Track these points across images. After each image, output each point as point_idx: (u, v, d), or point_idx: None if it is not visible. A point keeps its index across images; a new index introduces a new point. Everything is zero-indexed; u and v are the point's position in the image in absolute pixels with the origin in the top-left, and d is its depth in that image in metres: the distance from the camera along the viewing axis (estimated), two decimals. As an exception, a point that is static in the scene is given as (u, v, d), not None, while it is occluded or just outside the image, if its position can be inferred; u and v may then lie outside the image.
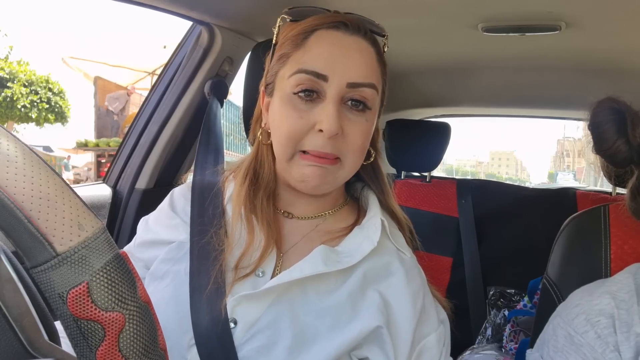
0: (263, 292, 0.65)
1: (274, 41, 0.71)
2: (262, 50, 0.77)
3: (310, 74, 0.64)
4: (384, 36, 0.72)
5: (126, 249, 0.79)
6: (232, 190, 0.75)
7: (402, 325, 0.67)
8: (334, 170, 0.67)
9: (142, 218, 0.81)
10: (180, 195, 0.79)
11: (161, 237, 0.75)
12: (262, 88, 0.74)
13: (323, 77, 0.63)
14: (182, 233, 0.73)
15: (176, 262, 0.71)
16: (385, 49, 0.72)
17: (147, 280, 0.72)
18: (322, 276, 0.66)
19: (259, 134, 0.74)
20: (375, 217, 0.72)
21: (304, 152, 0.66)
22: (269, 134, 0.72)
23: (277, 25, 0.71)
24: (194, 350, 0.64)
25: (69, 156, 13.13)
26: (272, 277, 0.69)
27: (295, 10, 0.70)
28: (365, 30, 0.68)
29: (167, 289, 0.69)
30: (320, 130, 0.63)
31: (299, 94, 0.64)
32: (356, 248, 0.69)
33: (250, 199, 0.71)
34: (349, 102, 0.65)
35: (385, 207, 0.77)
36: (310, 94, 0.64)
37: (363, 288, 0.67)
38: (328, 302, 0.66)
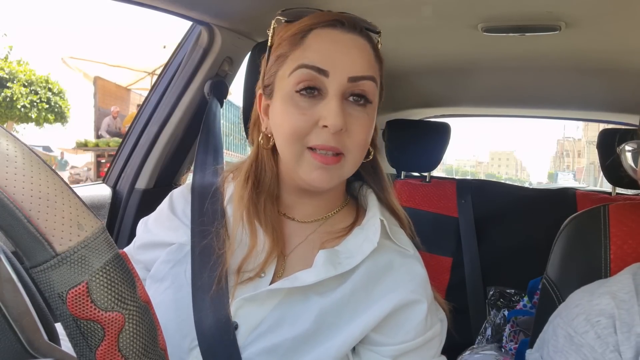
0: (265, 295, 0.66)
1: (269, 43, 0.71)
2: (258, 53, 0.77)
3: (311, 69, 0.64)
4: (377, 33, 0.72)
5: (126, 250, 0.79)
6: (232, 191, 0.75)
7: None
8: (339, 168, 0.67)
9: (141, 220, 0.81)
10: (179, 197, 0.79)
11: (161, 239, 0.75)
12: (259, 91, 0.73)
13: (324, 73, 0.64)
14: (182, 235, 0.73)
15: (176, 264, 0.71)
16: (379, 46, 0.72)
17: (148, 282, 0.72)
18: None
19: (260, 138, 0.73)
20: (374, 217, 0.72)
21: (310, 148, 0.65)
22: (268, 138, 0.71)
23: (272, 27, 0.71)
24: (195, 352, 0.64)
25: (62, 153, 12.93)
26: (273, 279, 0.69)
27: (290, 12, 0.70)
28: (361, 27, 0.68)
29: (167, 291, 0.69)
30: (324, 126, 0.64)
31: (301, 91, 0.64)
32: (356, 249, 0.69)
33: (253, 203, 0.71)
34: (351, 98, 0.66)
35: (385, 204, 0.77)
36: (312, 91, 0.64)
37: (365, 286, 0.68)
38: (329, 302, 0.66)
